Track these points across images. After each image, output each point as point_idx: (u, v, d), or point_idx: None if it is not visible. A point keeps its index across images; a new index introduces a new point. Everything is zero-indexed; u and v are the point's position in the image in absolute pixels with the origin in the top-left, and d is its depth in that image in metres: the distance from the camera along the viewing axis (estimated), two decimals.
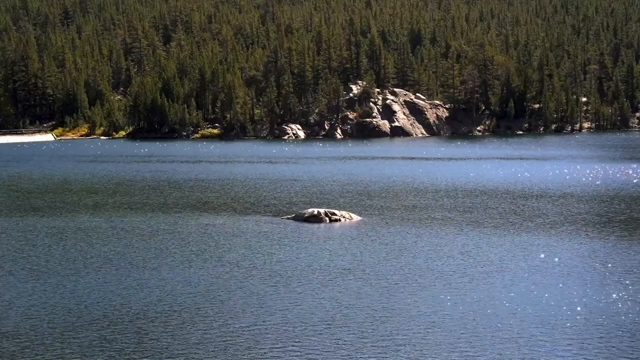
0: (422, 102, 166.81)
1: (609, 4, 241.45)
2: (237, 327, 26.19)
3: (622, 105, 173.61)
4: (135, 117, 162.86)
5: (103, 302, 29.31)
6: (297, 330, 25.73)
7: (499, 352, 23.66)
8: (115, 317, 27.39)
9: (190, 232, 44.27)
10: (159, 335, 25.40)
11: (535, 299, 29.09)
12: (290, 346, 24.27)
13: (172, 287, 31.56)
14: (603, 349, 23.93)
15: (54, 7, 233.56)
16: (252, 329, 25.96)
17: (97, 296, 30.25)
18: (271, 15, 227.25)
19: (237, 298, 29.73)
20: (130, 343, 24.71)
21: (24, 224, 47.67)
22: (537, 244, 39.62)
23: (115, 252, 38.50)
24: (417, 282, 31.86)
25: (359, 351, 23.83)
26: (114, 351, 23.98)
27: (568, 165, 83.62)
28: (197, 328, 26.11)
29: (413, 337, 25.04)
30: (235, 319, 27.10)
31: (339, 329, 25.80)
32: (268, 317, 27.15)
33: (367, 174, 76.58)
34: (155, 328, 26.18)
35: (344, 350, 23.89)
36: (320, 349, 23.99)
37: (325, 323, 26.49)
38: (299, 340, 24.77)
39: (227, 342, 24.69)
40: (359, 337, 25.03)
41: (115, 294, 30.56)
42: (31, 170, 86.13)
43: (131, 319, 27.19)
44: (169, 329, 26.01)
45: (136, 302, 29.36)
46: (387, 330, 25.66)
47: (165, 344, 24.56)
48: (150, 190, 65.64)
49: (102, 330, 25.94)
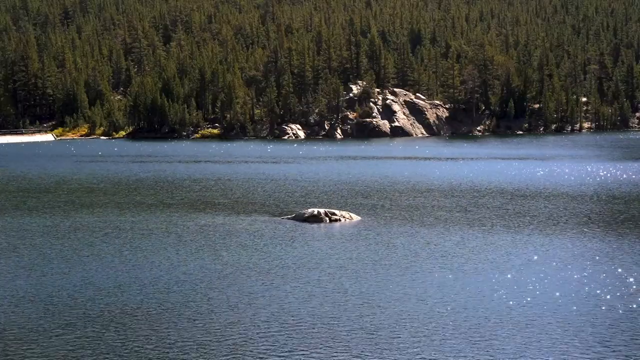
0: (422, 102, 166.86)
1: (609, 4, 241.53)
2: (233, 325, 26.16)
3: (622, 105, 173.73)
4: (135, 117, 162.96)
5: (97, 300, 29.27)
6: (295, 330, 25.70)
7: (500, 352, 23.67)
8: (106, 314, 27.35)
9: (188, 231, 44.25)
10: (150, 333, 25.36)
11: (535, 300, 29.08)
12: (286, 345, 24.25)
13: (166, 285, 31.51)
14: (603, 348, 23.96)
15: (54, 7, 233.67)
16: (248, 327, 25.94)
17: (90, 293, 30.20)
18: (271, 15, 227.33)
19: (234, 297, 29.70)
20: (120, 341, 24.67)
21: (18, 222, 47.65)
22: (538, 243, 39.59)
23: (111, 250, 38.45)
24: (418, 282, 31.85)
25: (358, 351, 23.82)
26: (104, 348, 23.95)
27: (579, 165, 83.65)
28: (191, 326, 26.07)
29: (413, 337, 25.02)
30: (231, 317, 27.07)
31: (337, 329, 25.78)
32: (266, 317, 27.12)
33: (367, 174, 76.57)
34: (148, 326, 26.14)
35: (344, 351, 23.89)
36: (319, 349, 23.98)
37: (324, 323, 26.48)
38: (296, 340, 24.75)
39: (222, 341, 24.67)
40: (359, 337, 25.01)
41: (108, 291, 30.51)
42: (31, 170, 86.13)
43: (123, 317, 27.13)
44: (162, 327, 25.98)
45: (130, 299, 29.32)
46: (387, 330, 25.65)
47: (158, 341, 24.54)
48: (150, 190, 65.64)
49: (91, 327, 25.90)
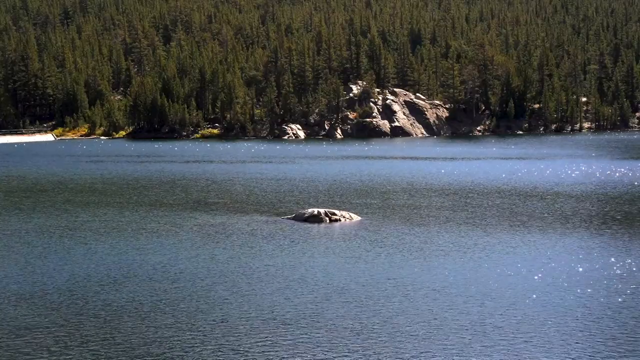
0: (422, 102, 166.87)
1: (609, 4, 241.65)
2: (233, 325, 26.15)
3: (622, 105, 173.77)
4: (135, 117, 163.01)
5: (91, 297, 29.27)
6: (295, 330, 25.70)
7: (499, 352, 23.67)
8: (101, 312, 27.35)
9: (187, 230, 44.24)
10: (150, 333, 25.36)
11: (536, 299, 29.08)
12: (286, 345, 24.25)
13: (165, 284, 31.49)
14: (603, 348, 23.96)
15: (54, 7, 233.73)
16: (248, 327, 25.92)
17: (85, 291, 30.19)
18: (271, 15, 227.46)
19: (233, 297, 29.69)
20: (120, 340, 24.68)
21: (17, 222, 47.67)
22: (539, 243, 39.59)
23: (107, 249, 38.43)
24: (418, 282, 31.84)
25: (358, 351, 23.82)
26: (99, 345, 23.96)
27: (585, 164, 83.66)
28: (187, 325, 26.06)
29: (412, 337, 25.02)
30: (230, 317, 27.05)
31: (336, 329, 25.78)
32: (266, 317, 27.11)
33: (367, 174, 76.58)
34: (148, 326, 26.14)
35: (344, 351, 23.88)
36: (319, 349, 23.98)
37: (324, 323, 26.47)
38: (296, 340, 24.74)
39: (218, 340, 24.67)
40: (359, 337, 25.00)
41: (104, 289, 30.51)
42: (30, 169, 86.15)
43: (116, 314, 27.13)
44: (162, 326, 25.98)
45: (125, 297, 29.32)
46: (387, 330, 25.64)
47: (157, 341, 24.53)
48: (149, 189, 65.65)
49: (85, 325, 25.91)
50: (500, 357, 23.19)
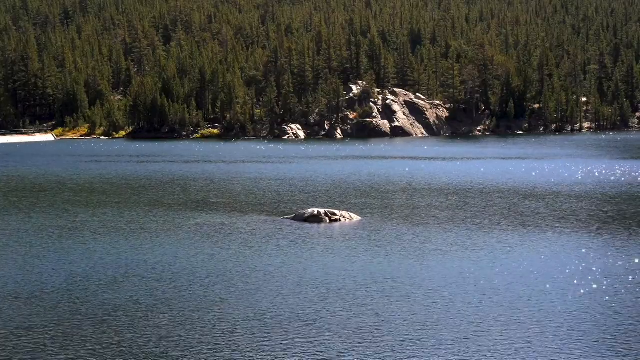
0: (422, 102, 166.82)
1: (609, 4, 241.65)
2: (232, 325, 26.11)
3: (622, 105, 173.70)
4: (135, 117, 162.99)
5: (90, 297, 29.23)
6: (292, 329, 25.66)
7: (499, 352, 23.65)
8: (99, 312, 27.32)
9: (187, 230, 44.20)
10: (150, 332, 25.33)
11: (536, 299, 29.05)
12: (286, 345, 24.22)
13: (164, 284, 31.46)
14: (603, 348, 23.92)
15: (54, 7, 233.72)
16: (248, 327, 25.89)
17: (83, 290, 30.16)
18: (271, 15, 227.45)
19: (233, 297, 29.65)
20: (120, 339, 24.65)
21: (16, 221, 47.63)
22: (538, 242, 39.54)
23: (107, 248, 38.39)
24: (418, 282, 31.81)
25: (358, 351, 23.79)
26: (97, 344, 23.93)
27: (591, 164, 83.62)
28: (185, 324, 26.03)
29: (411, 336, 24.99)
30: (230, 317, 27.02)
31: (336, 329, 25.75)
32: (266, 317, 27.08)
33: (367, 174, 76.52)
34: (141, 323, 26.10)
35: (344, 351, 23.85)
36: (319, 349, 23.95)
37: (324, 323, 26.44)
38: (296, 340, 24.71)
39: (217, 340, 24.63)
40: (358, 337, 24.98)
41: (102, 289, 30.47)
42: (30, 169, 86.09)
43: (115, 314, 27.10)
44: (160, 326, 25.94)
45: (124, 297, 29.29)
46: (387, 330, 25.61)
47: (157, 341, 24.50)
48: (148, 189, 65.60)
49: (82, 324, 25.87)
50: (500, 357, 23.16)
